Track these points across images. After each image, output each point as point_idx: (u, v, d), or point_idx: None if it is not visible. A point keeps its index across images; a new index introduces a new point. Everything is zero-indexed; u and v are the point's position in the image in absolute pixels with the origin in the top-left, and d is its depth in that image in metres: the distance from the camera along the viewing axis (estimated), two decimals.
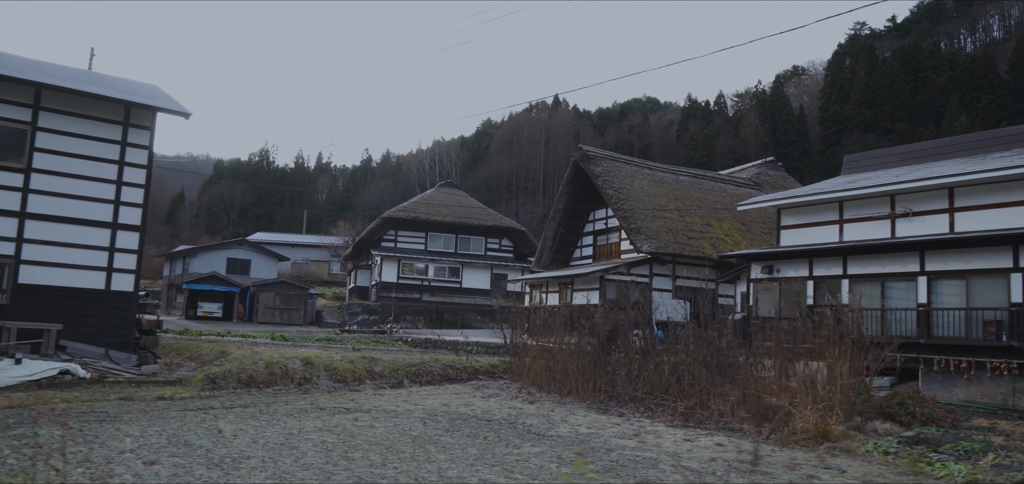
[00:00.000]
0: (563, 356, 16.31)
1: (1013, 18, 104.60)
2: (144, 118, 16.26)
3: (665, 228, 23.14)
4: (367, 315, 36.75)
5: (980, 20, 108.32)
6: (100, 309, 15.63)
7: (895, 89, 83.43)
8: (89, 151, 15.67)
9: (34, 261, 15.05)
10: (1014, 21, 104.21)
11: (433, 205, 40.44)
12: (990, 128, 71.94)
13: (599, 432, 11.56)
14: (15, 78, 14.65)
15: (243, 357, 16.19)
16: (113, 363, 15.25)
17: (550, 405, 14.43)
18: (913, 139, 77.00)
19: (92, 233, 15.62)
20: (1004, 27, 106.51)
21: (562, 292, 25.01)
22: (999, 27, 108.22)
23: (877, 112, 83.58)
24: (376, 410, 13.13)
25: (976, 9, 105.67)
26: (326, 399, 14.52)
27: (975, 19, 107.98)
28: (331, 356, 16.80)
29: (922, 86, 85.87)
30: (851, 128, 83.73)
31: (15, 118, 15.01)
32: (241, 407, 13.07)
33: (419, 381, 16.85)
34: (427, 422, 11.92)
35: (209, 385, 14.84)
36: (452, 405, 14.32)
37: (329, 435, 10.40)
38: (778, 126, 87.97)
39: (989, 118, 73.80)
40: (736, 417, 12.22)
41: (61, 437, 9.43)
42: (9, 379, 13.69)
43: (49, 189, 15.25)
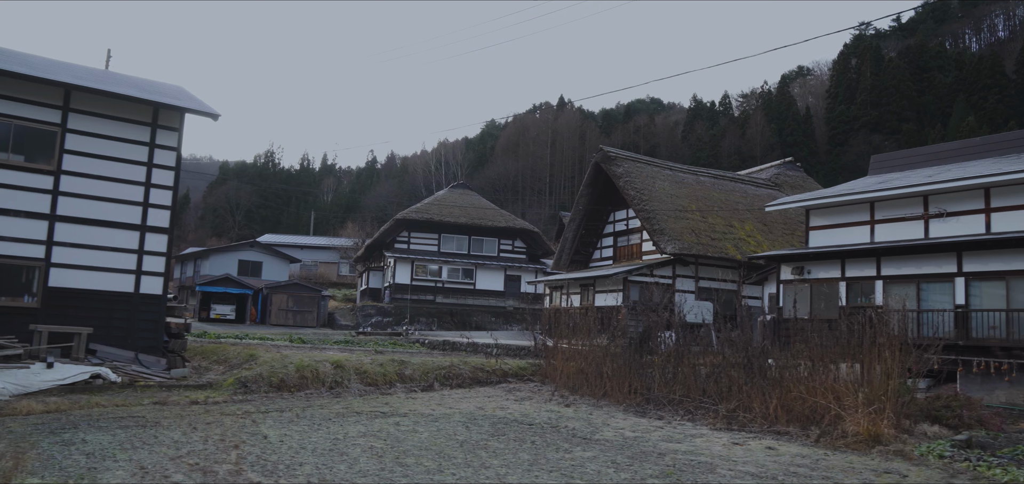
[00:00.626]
0: (596, 359, 16.18)
1: (1018, 17, 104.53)
2: (172, 119, 16.14)
3: (688, 229, 23.00)
4: (381, 317, 36.62)
5: (985, 20, 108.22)
6: (129, 312, 15.50)
7: (902, 89, 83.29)
8: (118, 153, 15.54)
9: (64, 264, 14.92)
10: (1019, 21, 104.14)
11: (446, 206, 40.30)
12: (998, 128, 71.85)
13: (645, 436, 11.43)
14: (45, 79, 14.53)
15: (272, 360, 16.05)
16: (143, 367, 15.12)
17: (586, 408, 14.30)
18: (920, 139, 76.87)
19: (121, 235, 15.50)
20: (1009, 27, 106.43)
21: (584, 293, 24.86)
22: (1004, 27, 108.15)
23: (884, 112, 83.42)
24: (413, 414, 13.00)
25: (981, 9, 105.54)
26: (360, 403, 14.39)
27: (980, 19, 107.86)
28: (361, 359, 16.66)
29: (929, 86, 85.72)
30: (858, 128, 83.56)
31: (44, 120, 14.89)
32: (277, 411, 12.95)
33: (449, 384, 16.71)
34: (469, 426, 11.79)
35: (241, 389, 14.70)
36: (487, 408, 14.19)
37: (375, 440, 10.27)
38: (784, 127, 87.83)
39: (996, 118, 73.66)
40: (780, 420, 12.08)
41: (108, 442, 9.32)
42: (42, 383, 13.57)
43: (78, 191, 15.12)
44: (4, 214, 14.40)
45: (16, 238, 14.47)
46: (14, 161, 14.55)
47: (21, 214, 14.54)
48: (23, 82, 14.57)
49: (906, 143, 77.01)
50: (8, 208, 14.43)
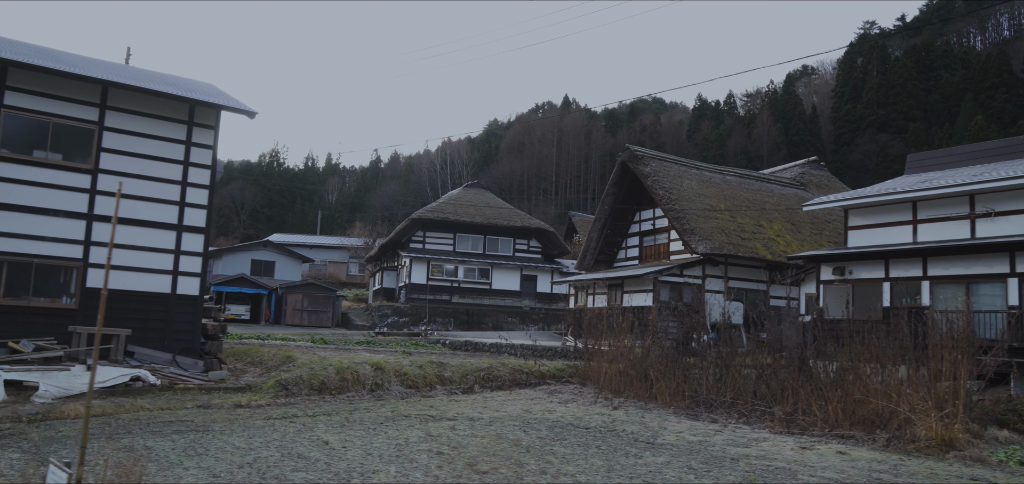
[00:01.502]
0: (639, 361, 15.95)
1: (1022, 16, 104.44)
2: (208, 117, 15.87)
3: (718, 229, 22.77)
4: (397, 317, 36.35)
5: (990, 19, 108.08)
6: (166, 313, 15.24)
7: (908, 88, 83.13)
8: (154, 151, 15.28)
9: (101, 264, 14.65)
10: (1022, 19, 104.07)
11: (461, 206, 40.02)
12: (1006, 127, 71.70)
13: (707, 440, 11.20)
14: (82, 76, 14.26)
15: (311, 363, 15.80)
16: (181, 369, 14.86)
17: (635, 411, 14.05)
18: (927, 138, 76.69)
19: (158, 235, 15.23)
20: (1013, 26, 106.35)
21: (611, 294, 24.61)
22: (1009, 26, 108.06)
23: (890, 111, 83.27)
24: (463, 418, 12.76)
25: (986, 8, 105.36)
26: (404, 406, 14.16)
27: (985, 18, 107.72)
28: (399, 361, 16.42)
29: (935, 85, 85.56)
30: (864, 127, 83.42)
31: (82, 118, 14.62)
32: (325, 415, 12.71)
33: (489, 386, 16.47)
34: (526, 430, 11.56)
35: (282, 392, 14.45)
36: (534, 411, 13.96)
37: (439, 445, 10.04)
38: (790, 126, 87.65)
39: (1004, 117, 73.50)
40: (842, 423, 11.84)
41: (170, 448, 9.08)
42: (83, 385, 13.31)
43: (114, 190, 14.82)
44: (42, 214, 14.13)
45: (54, 238, 14.21)
46: (52, 160, 14.28)
47: (60, 214, 14.28)
48: (61, 79, 14.31)
49: (913, 142, 76.85)
50: (46, 207, 14.16)
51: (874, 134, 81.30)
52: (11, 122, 13.94)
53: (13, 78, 13.96)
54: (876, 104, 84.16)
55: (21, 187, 13.95)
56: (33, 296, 14.01)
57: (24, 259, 13.91)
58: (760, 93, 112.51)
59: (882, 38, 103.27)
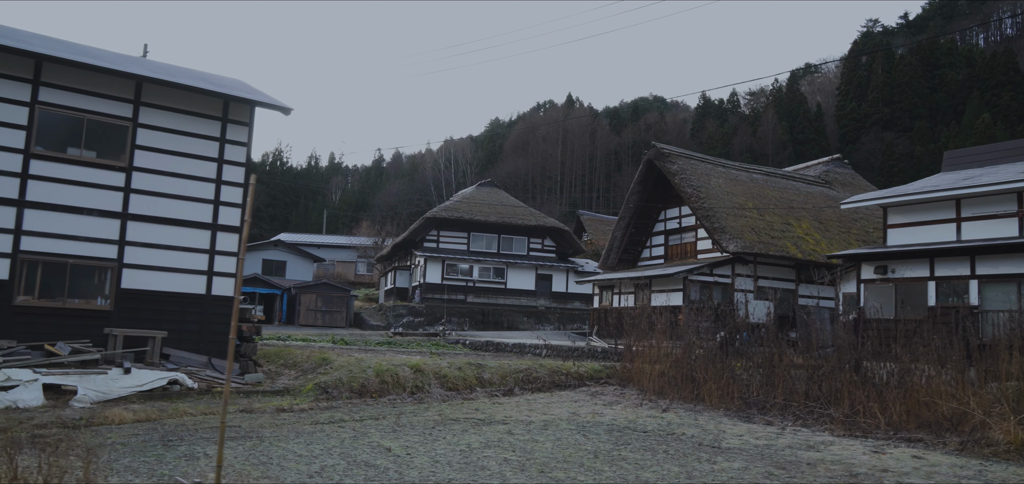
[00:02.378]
0: (682, 362, 15.64)
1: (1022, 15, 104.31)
2: (242, 113, 15.52)
3: (748, 228, 22.46)
4: (412, 317, 35.99)
5: (993, 16, 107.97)
6: (201, 315, 14.89)
7: (914, 86, 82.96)
8: (188, 148, 14.92)
9: (136, 265, 14.30)
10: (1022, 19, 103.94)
11: (475, 204, 39.67)
12: (1013, 125, 71.55)
13: (772, 443, 10.89)
14: (116, 71, 13.90)
15: (349, 365, 15.47)
16: (217, 372, 14.52)
17: (685, 414, 13.74)
18: (933, 136, 76.58)
19: (193, 235, 14.88)
20: (1016, 24, 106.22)
21: (638, 293, 24.29)
22: (1011, 25, 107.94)
23: (895, 109, 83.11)
24: (514, 421, 12.45)
25: (990, 6, 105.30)
26: (449, 409, 13.85)
27: (988, 15, 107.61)
28: (437, 363, 16.10)
29: (941, 83, 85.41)
30: (869, 125, 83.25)
31: (116, 114, 14.26)
32: (372, 419, 12.39)
33: (528, 388, 16.16)
34: (586, 434, 11.25)
35: (322, 395, 14.13)
36: (581, 414, 13.67)
37: (503, 451, 9.73)
38: (796, 124, 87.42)
39: (1011, 115, 73.37)
40: (906, 425, 11.52)
41: (232, 457, 8.75)
42: (121, 389, 12.98)
43: (150, 189, 14.50)
44: (77, 213, 13.77)
45: (89, 238, 13.86)
46: (86, 157, 13.92)
47: (94, 213, 13.91)
48: (95, 74, 13.96)
49: (919, 141, 76.75)
50: (81, 206, 13.80)
51: (879, 132, 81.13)
52: (45, 119, 13.58)
53: (47, 74, 13.60)
54: (881, 102, 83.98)
55: (55, 186, 13.59)
56: (68, 297, 13.64)
57: (58, 259, 13.55)
58: (764, 92, 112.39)
59: (886, 36, 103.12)
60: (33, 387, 12.32)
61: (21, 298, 13.21)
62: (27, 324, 13.20)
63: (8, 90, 13.22)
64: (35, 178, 13.42)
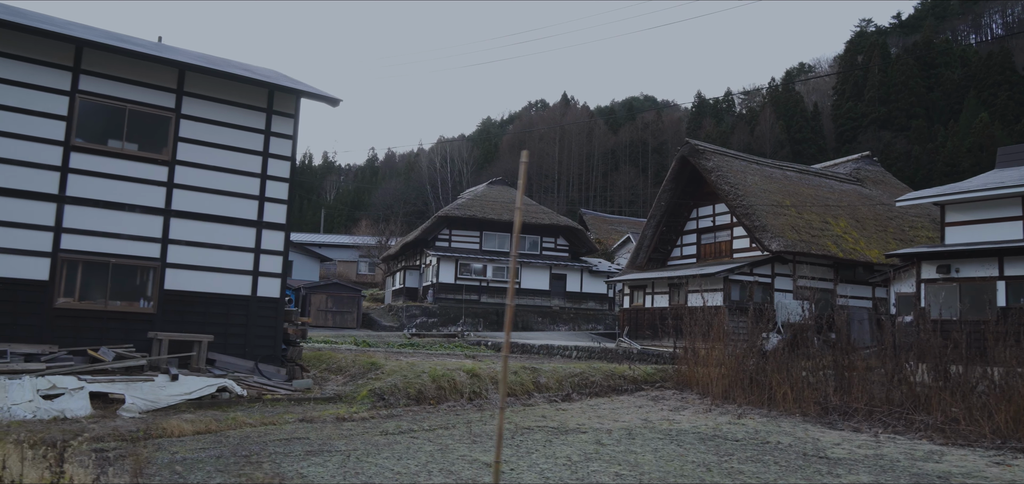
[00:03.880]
0: (742, 363, 15.04)
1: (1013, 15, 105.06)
2: (288, 104, 14.71)
3: (788, 226, 21.91)
4: (426, 317, 35.19)
5: (983, 16, 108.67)
6: (246, 317, 14.07)
7: (910, 86, 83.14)
8: (232, 141, 14.10)
9: (179, 264, 13.46)
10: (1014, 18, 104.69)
11: (487, 203, 38.91)
12: (1011, 125, 71.80)
13: (878, 452, 10.27)
14: (160, 58, 13.06)
15: (400, 370, 14.72)
16: (265, 378, 13.71)
17: (763, 419, 13.11)
18: (930, 136, 76.77)
19: (237, 232, 14.06)
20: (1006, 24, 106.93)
21: (673, 293, 23.69)
22: (1000, 25, 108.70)
23: (892, 109, 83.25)
24: (593, 429, 11.77)
25: (981, 5, 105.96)
26: (515, 415, 13.17)
27: (979, 15, 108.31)
28: (492, 367, 15.37)
29: (937, 83, 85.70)
30: (866, 125, 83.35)
31: (159, 104, 13.41)
32: (442, 429, 11.67)
33: (585, 393, 15.49)
34: (679, 443, 10.59)
35: (379, 402, 13.38)
36: (653, 420, 13.04)
37: (607, 464, 9.06)
38: (792, 124, 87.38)
39: (1008, 115, 73.67)
40: (1015, 434, 10.95)
41: (330, 478, 8.01)
42: (169, 397, 12.15)
43: (193, 184, 13.67)
44: (118, 209, 12.91)
45: (131, 236, 13.00)
46: (128, 150, 13.06)
47: (136, 209, 13.06)
48: (137, 62, 13.11)
49: (916, 140, 76.89)
50: (122, 202, 12.94)
51: (876, 131, 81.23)
52: (86, 109, 12.72)
53: (88, 61, 12.73)
54: (878, 101, 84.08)
55: (96, 180, 12.73)
56: (110, 299, 12.78)
57: (100, 259, 12.69)
58: (758, 90, 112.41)
59: (879, 36, 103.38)
60: (80, 395, 11.48)
61: (62, 300, 12.35)
62: (68, 327, 12.34)
63: (48, 78, 12.36)
64: (75, 172, 12.55)
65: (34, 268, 12.12)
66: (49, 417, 10.83)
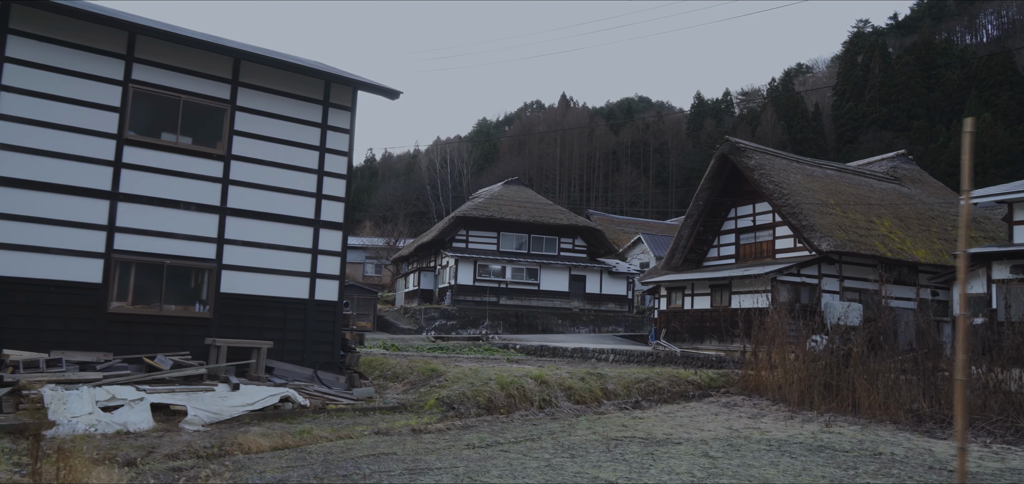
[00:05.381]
0: (818, 367, 14.40)
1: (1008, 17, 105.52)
2: (344, 97, 13.93)
3: (835, 225, 21.33)
4: (445, 320, 34.40)
5: (978, 17, 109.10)
6: (304, 322, 13.27)
7: (911, 86, 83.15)
8: (288, 135, 13.30)
9: (235, 266, 12.64)
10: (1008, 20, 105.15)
11: (504, 203, 38.15)
12: (1012, 125, 71.87)
13: (1009, 465, 9.64)
14: (215, 45, 12.27)
15: (464, 376, 13.98)
16: (325, 387, 12.91)
17: (854, 428, 12.44)
18: (932, 136, 76.77)
19: (294, 232, 13.26)
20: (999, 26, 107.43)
21: (715, 295, 23.05)
22: (995, 26, 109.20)
23: (893, 109, 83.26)
24: (687, 440, 11.07)
25: (976, 6, 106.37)
26: (597, 424, 12.49)
27: (974, 16, 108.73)
28: (557, 374, 14.66)
29: (937, 83, 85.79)
30: (867, 125, 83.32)
31: (213, 95, 12.59)
32: (527, 441, 10.94)
33: (653, 399, 14.80)
34: (791, 456, 9.90)
35: (449, 411, 12.63)
36: (738, 429, 12.38)
37: (731, 479, 8.35)
38: (793, 123, 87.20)
39: (1010, 115, 73.76)
40: None
41: None
42: (232, 409, 11.36)
43: (249, 180, 12.86)
44: (174, 207, 12.08)
45: (186, 235, 12.18)
46: (182, 144, 12.23)
47: (191, 207, 12.23)
48: (191, 51, 12.30)
49: (918, 140, 76.86)
50: (178, 200, 12.11)
51: (877, 132, 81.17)
52: (139, 99, 11.88)
53: (141, 49, 11.90)
54: (879, 102, 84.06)
55: (149, 176, 11.90)
56: (164, 303, 11.94)
57: (154, 260, 11.86)
58: (756, 92, 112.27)
59: (877, 36, 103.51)
60: (140, 407, 10.68)
61: (115, 304, 11.51)
62: (122, 333, 11.51)
63: (100, 67, 11.52)
64: (128, 167, 11.72)
65: (87, 270, 11.28)
66: (112, 431, 10.04)
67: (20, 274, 10.78)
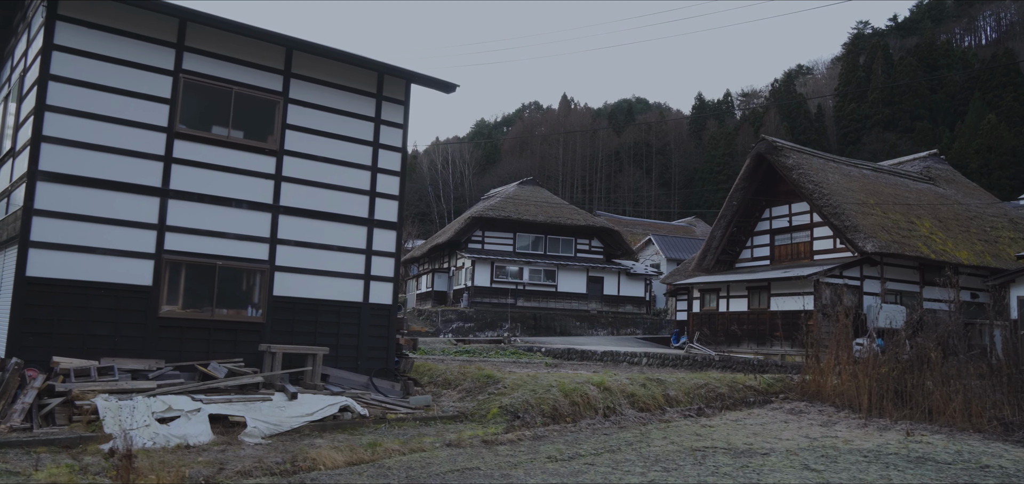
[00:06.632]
0: (886, 372, 13.86)
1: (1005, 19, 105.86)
2: (398, 90, 13.27)
3: (878, 226, 20.82)
4: (462, 322, 33.73)
5: (978, 19, 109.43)
6: (358, 326, 12.60)
7: (914, 87, 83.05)
8: (341, 129, 12.64)
9: (289, 267, 11.97)
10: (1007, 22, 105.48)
11: (520, 203, 37.51)
12: (1016, 126, 71.80)
13: None
14: (268, 34, 11.60)
15: (523, 383, 13.35)
16: (382, 395, 12.25)
17: (940, 437, 11.87)
18: (935, 137, 76.64)
19: (348, 232, 12.60)
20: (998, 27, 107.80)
21: (753, 297, 22.49)
22: (993, 28, 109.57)
23: (896, 110, 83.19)
24: (774, 451, 10.46)
25: (975, 8, 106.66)
26: (670, 432, 11.93)
27: (973, 18, 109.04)
28: (618, 380, 14.04)
29: (940, 84, 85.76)
30: (870, 126, 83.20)
31: (265, 87, 11.92)
32: (608, 452, 10.33)
33: (716, 406, 14.21)
34: (896, 469, 9.31)
35: (514, 420, 12.00)
36: (814, 436, 11.84)
37: None
38: (796, 124, 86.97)
39: (1014, 116, 73.73)
40: None
41: None
42: (291, 419, 10.70)
43: (302, 177, 12.19)
44: (226, 205, 11.39)
45: (238, 235, 11.49)
46: (234, 138, 11.55)
47: (244, 205, 11.55)
48: (243, 40, 11.63)
49: (921, 142, 76.73)
50: (230, 197, 11.43)
51: (880, 133, 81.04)
52: (190, 91, 11.20)
53: (192, 37, 11.22)
54: (882, 103, 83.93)
55: (200, 171, 11.22)
56: (216, 307, 11.25)
57: (206, 261, 11.17)
58: (756, 93, 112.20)
59: (877, 37, 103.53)
60: (198, 419, 10.00)
61: (166, 308, 10.81)
62: (173, 339, 10.81)
63: (150, 56, 10.83)
64: (179, 162, 11.03)
65: (137, 272, 10.58)
66: (171, 444, 9.36)
67: (68, 276, 10.08)
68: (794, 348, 20.30)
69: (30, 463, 7.86)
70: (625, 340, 32.35)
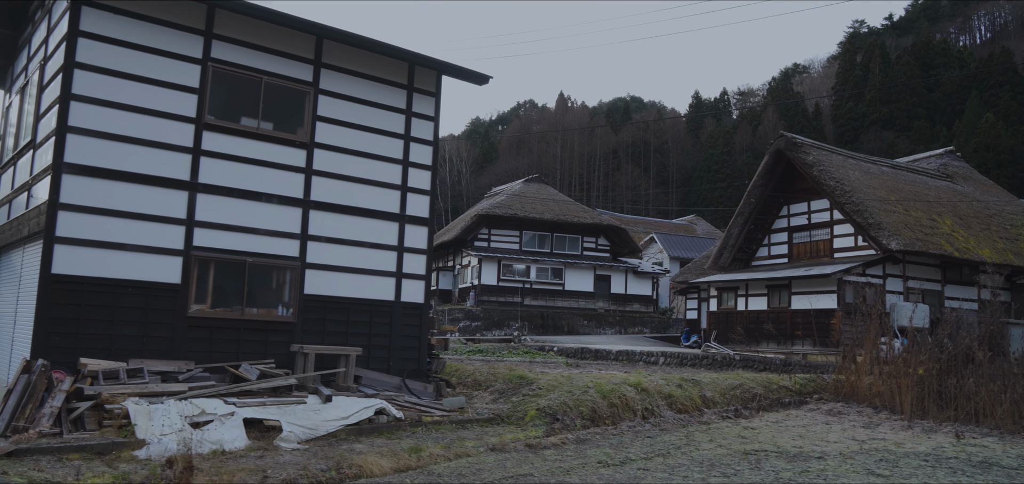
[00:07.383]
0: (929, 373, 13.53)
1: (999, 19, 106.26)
2: (429, 82, 12.83)
3: (901, 224, 20.51)
4: (469, 321, 33.28)
5: (973, 18, 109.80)
6: (390, 326, 12.15)
7: (911, 86, 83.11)
8: (372, 121, 12.19)
9: (320, 265, 11.51)
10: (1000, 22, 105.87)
11: (527, 201, 37.09)
12: (1014, 125, 71.92)
13: None
14: (298, 21, 11.14)
15: (558, 384, 12.96)
16: (416, 397, 11.81)
17: (992, 440, 11.56)
18: (933, 136, 76.68)
19: (379, 228, 12.15)
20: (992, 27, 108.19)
21: (772, 296, 22.16)
22: (988, 27, 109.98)
23: (893, 109, 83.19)
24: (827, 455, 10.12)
25: (970, 7, 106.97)
26: (715, 435, 11.58)
27: (968, 18, 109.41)
28: (654, 381, 13.66)
29: (937, 83, 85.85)
30: (868, 125, 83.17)
31: (295, 77, 11.46)
32: (658, 456, 9.99)
33: (752, 407, 13.86)
34: (965, 475, 8.97)
35: (553, 423, 11.60)
36: (861, 438, 11.58)
37: None
38: (793, 123, 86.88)
39: (1011, 115, 73.83)
40: None
41: None
42: (327, 423, 10.27)
43: (332, 170, 11.73)
44: (256, 199, 10.92)
45: (269, 231, 11.03)
46: (264, 130, 11.08)
47: (274, 199, 11.09)
48: (273, 28, 11.17)
49: (919, 141, 76.76)
50: (260, 191, 10.96)
51: (878, 131, 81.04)
52: (218, 80, 10.72)
53: (220, 24, 10.74)
54: (879, 102, 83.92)
55: (230, 164, 10.75)
56: (246, 306, 10.78)
57: (235, 258, 10.70)
58: (753, 91, 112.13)
59: (872, 37, 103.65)
60: (233, 423, 9.54)
61: (195, 307, 10.33)
62: (202, 339, 10.35)
63: (178, 43, 10.35)
64: (207, 154, 10.56)
65: (165, 269, 10.10)
66: (206, 450, 8.89)
67: (94, 274, 9.60)
68: (816, 347, 19.99)
69: (67, 472, 7.40)
70: (634, 339, 32.01)
